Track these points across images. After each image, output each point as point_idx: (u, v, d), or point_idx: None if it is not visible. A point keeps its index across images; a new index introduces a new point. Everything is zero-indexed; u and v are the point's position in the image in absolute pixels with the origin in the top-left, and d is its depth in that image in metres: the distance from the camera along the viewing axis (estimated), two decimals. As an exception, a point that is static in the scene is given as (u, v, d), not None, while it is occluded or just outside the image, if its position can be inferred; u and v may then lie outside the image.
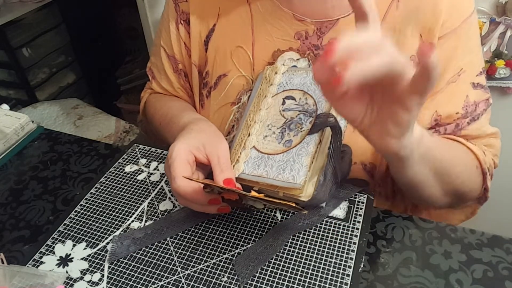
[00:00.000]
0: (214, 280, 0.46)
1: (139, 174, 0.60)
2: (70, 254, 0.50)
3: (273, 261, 0.47)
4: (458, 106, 0.56)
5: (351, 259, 0.46)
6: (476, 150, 0.57)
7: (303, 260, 0.47)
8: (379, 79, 0.35)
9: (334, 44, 0.32)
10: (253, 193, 0.45)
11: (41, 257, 0.50)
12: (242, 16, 0.61)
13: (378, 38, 0.35)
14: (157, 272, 0.47)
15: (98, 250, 0.50)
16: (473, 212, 0.65)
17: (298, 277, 0.45)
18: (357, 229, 0.50)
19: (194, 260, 0.48)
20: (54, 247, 0.51)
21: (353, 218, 0.51)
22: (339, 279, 0.44)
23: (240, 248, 0.49)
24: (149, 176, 0.60)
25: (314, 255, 0.47)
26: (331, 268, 0.46)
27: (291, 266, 0.46)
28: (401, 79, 0.36)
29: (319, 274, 0.45)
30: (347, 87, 0.33)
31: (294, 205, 0.43)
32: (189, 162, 0.49)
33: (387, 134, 0.40)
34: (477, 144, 0.58)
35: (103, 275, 0.47)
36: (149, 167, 0.61)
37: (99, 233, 0.52)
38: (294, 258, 0.47)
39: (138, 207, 0.55)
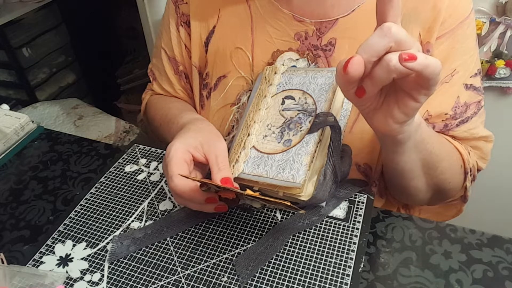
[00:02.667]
0: (214, 280, 0.46)
1: (139, 174, 0.60)
2: (70, 254, 0.50)
3: (273, 261, 0.47)
4: (448, 107, 0.57)
5: (351, 259, 0.46)
6: (461, 150, 0.58)
7: (303, 260, 0.47)
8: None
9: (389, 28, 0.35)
10: (248, 191, 0.45)
11: (41, 257, 0.50)
12: (242, 18, 0.61)
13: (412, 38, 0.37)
14: (157, 272, 0.47)
15: (98, 250, 0.50)
16: (459, 211, 0.66)
17: (298, 277, 0.45)
18: (357, 229, 0.50)
19: (194, 260, 0.48)
20: (54, 247, 0.51)
21: (353, 218, 0.51)
22: (339, 279, 0.45)
23: (240, 248, 0.49)
24: (149, 176, 0.60)
25: (314, 255, 0.47)
26: (331, 268, 0.46)
27: (291, 266, 0.46)
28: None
29: (319, 274, 0.45)
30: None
31: (289, 204, 0.43)
32: (186, 161, 0.49)
33: (391, 118, 0.41)
34: (463, 144, 0.59)
35: (103, 275, 0.47)
36: (149, 167, 0.61)
37: (99, 233, 0.52)
38: (294, 258, 0.47)
39: (138, 207, 0.55)
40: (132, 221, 0.53)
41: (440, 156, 0.53)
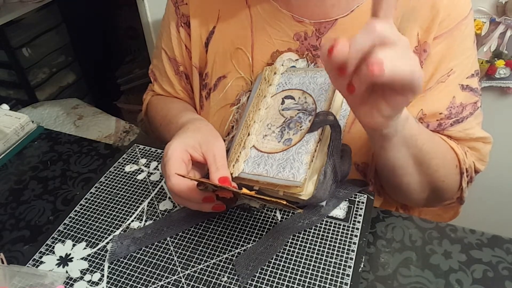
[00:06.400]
0: (214, 280, 0.46)
1: (139, 174, 0.60)
2: (70, 254, 0.50)
3: (273, 261, 0.47)
4: (443, 107, 0.57)
5: (351, 259, 0.46)
6: (457, 149, 0.57)
7: (303, 260, 0.47)
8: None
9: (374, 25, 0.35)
10: (244, 190, 0.45)
11: (41, 257, 0.50)
12: (241, 19, 0.61)
13: (404, 39, 0.38)
14: (157, 272, 0.47)
15: (98, 250, 0.50)
16: (455, 213, 0.67)
17: (298, 277, 0.45)
18: (357, 229, 0.50)
19: (194, 260, 0.48)
20: (54, 247, 0.51)
21: (353, 218, 0.51)
22: (339, 279, 0.44)
23: (240, 248, 0.49)
24: (149, 176, 0.60)
25: (314, 255, 0.47)
26: (331, 268, 0.46)
27: (291, 266, 0.46)
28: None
29: (319, 274, 0.45)
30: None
31: (285, 203, 0.43)
32: (184, 161, 0.50)
33: (377, 112, 0.41)
34: (460, 145, 0.59)
35: (103, 275, 0.47)
36: (149, 167, 0.61)
37: (99, 233, 0.52)
38: (294, 258, 0.47)
39: (138, 207, 0.55)
40: (132, 221, 0.53)
41: (432, 153, 0.52)
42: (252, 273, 0.46)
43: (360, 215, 0.51)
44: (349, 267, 0.46)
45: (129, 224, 0.53)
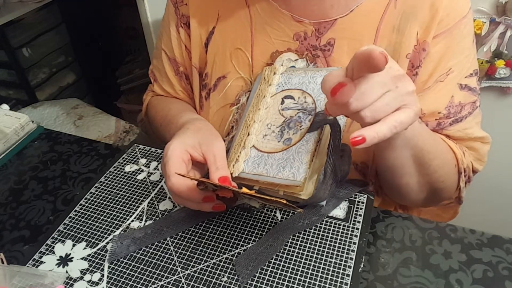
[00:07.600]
0: (214, 280, 0.46)
1: (139, 173, 0.60)
2: (70, 254, 0.50)
3: (273, 261, 0.47)
4: (442, 106, 0.57)
5: (351, 259, 0.46)
6: (455, 149, 0.57)
7: (303, 260, 0.47)
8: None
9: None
10: (244, 190, 0.45)
11: (41, 257, 0.50)
12: (241, 19, 0.61)
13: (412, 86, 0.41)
14: (157, 272, 0.47)
15: (98, 249, 0.50)
16: (455, 213, 0.67)
17: (298, 277, 0.45)
18: (357, 229, 0.50)
19: (194, 260, 0.48)
20: (54, 247, 0.51)
21: (353, 218, 0.51)
22: (339, 279, 0.45)
23: (240, 248, 0.49)
24: (149, 176, 0.60)
25: (314, 255, 0.47)
26: (331, 268, 0.46)
27: (291, 266, 0.46)
28: None
29: (319, 274, 0.45)
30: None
31: (285, 202, 0.43)
32: (184, 161, 0.50)
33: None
34: (458, 144, 0.59)
35: (103, 275, 0.47)
36: (149, 167, 0.61)
37: (99, 233, 0.52)
38: (294, 258, 0.47)
39: (138, 206, 0.55)
40: (132, 221, 0.53)
41: (432, 153, 0.52)
42: (252, 273, 0.46)
43: (360, 215, 0.51)
44: (349, 267, 0.46)
45: (129, 224, 0.53)
